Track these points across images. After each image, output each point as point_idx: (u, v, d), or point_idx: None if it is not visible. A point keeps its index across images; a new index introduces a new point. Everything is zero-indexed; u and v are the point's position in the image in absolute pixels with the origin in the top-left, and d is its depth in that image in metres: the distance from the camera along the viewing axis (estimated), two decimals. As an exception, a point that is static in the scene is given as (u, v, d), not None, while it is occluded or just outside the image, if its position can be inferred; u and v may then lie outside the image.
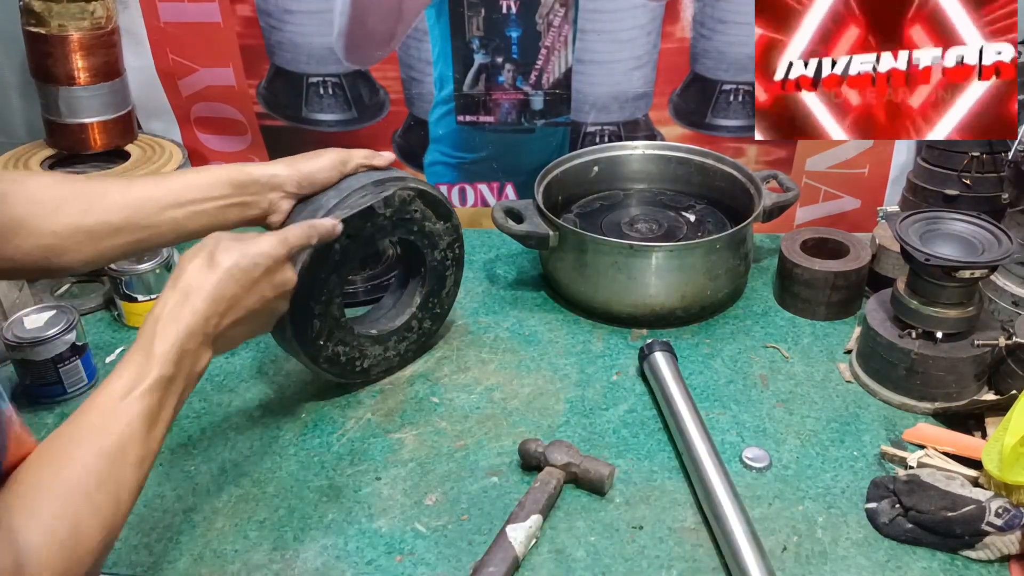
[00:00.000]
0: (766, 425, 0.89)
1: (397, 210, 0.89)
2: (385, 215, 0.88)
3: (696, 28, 1.16)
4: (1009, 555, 0.72)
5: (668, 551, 0.74)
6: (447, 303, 1.02)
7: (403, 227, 0.91)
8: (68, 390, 0.93)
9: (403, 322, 0.97)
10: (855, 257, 1.05)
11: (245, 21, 1.19)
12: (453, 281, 1.01)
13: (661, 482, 0.82)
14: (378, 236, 0.88)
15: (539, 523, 0.74)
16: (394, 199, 0.88)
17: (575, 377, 0.97)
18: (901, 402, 0.91)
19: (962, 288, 0.86)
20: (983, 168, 1.04)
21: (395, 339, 0.96)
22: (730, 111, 1.21)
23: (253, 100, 1.25)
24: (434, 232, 0.95)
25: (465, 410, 0.92)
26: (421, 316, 0.98)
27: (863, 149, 1.20)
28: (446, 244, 0.97)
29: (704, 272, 1.02)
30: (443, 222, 0.95)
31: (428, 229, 0.94)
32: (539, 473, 0.79)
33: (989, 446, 0.75)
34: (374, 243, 0.89)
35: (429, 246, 0.96)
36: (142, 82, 1.23)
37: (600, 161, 1.22)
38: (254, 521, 0.77)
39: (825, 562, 0.73)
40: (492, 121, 1.24)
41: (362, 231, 0.86)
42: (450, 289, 1.01)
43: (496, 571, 0.69)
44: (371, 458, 0.85)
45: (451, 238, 0.98)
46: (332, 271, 0.85)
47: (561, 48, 1.18)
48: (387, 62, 1.21)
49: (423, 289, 0.98)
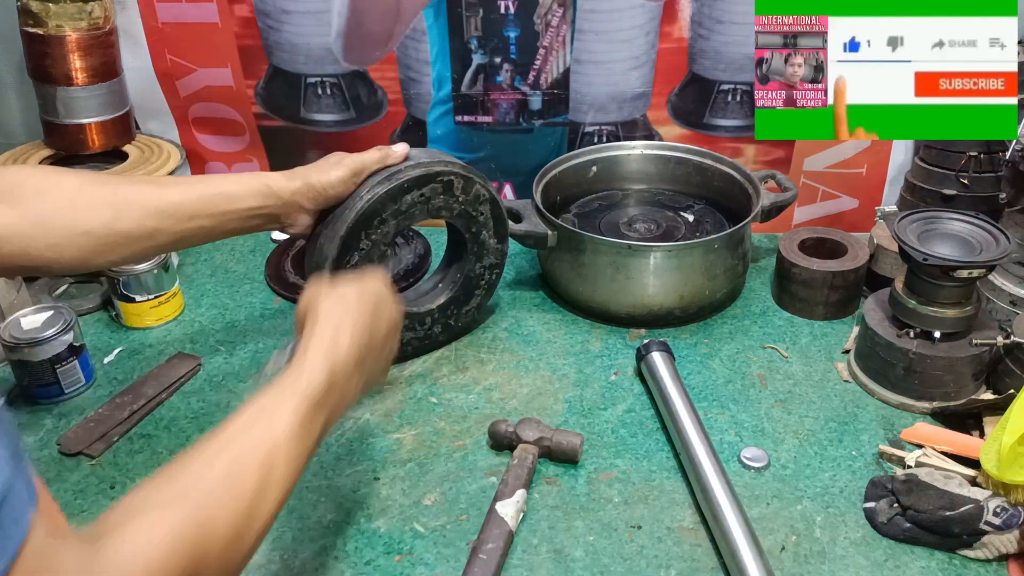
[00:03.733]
0: (764, 425, 0.89)
1: (471, 200, 0.93)
2: (458, 196, 0.92)
3: (694, 28, 1.16)
4: (1007, 554, 0.72)
5: (666, 551, 0.74)
6: (463, 320, 1.02)
7: (464, 219, 0.95)
8: (66, 391, 0.93)
9: (418, 312, 0.97)
10: (853, 257, 1.06)
11: (243, 21, 1.18)
12: (477, 304, 1.02)
13: (659, 482, 0.82)
14: (444, 213, 0.93)
15: (524, 497, 0.77)
16: (472, 185, 0.92)
17: (573, 377, 0.97)
18: (899, 401, 0.91)
19: (960, 288, 0.86)
20: (981, 168, 1.04)
21: (406, 324, 0.93)
22: (728, 111, 1.21)
23: (251, 100, 1.25)
24: (487, 244, 0.98)
25: (464, 410, 0.92)
26: (436, 317, 0.99)
27: (861, 149, 1.20)
28: (490, 263, 1.00)
29: (702, 272, 1.02)
30: (497, 241, 0.99)
31: (483, 237, 0.97)
32: (514, 451, 0.82)
33: (987, 445, 0.75)
34: (438, 215, 0.93)
35: (476, 254, 0.98)
36: (140, 82, 1.23)
37: (598, 161, 1.22)
38: (252, 521, 0.77)
39: (823, 561, 0.73)
40: (490, 121, 1.24)
41: (433, 198, 0.90)
42: (472, 309, 1.02)
43: (495, 547, 0.71)
44: (369, 458, 0.85)
45: (496, 260, 1.01)
46: (393, 216, 0.88)
47: (559, 48, 1.18)
48: (385, 62, 1.21)
49: (449, 293, 0.99)
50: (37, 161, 1.17)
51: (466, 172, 0.92)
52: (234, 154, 1.30)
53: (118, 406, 0.92)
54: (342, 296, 0.67)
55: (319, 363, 0.60)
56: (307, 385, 0.58)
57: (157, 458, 0.86)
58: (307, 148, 1.29)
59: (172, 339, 1.04)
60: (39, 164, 1.17)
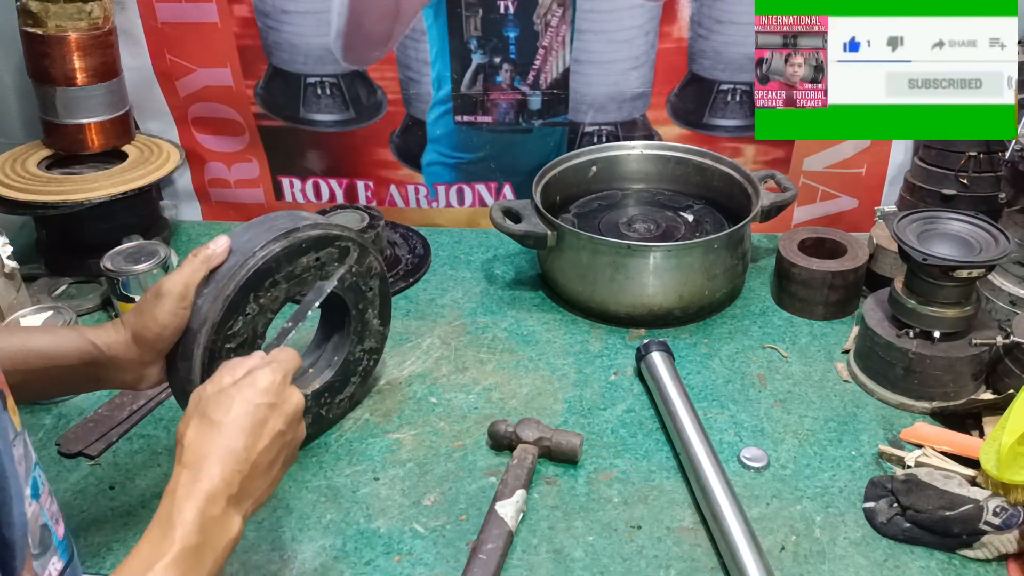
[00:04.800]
0: (764, 425, 0.89)
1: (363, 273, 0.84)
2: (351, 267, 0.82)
3: (694, 28, 1.16)
4: (1007, 554, 0.72)
5: (666, 551, 0.74)
6: (334, 412, 0.89)
7: (353, 293, 0.85)
8: (66, 391, 0.93)
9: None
10: (853, 257, 1.06)
11: (243, 21, 1.18)
12: (351, 393, 0.90)
13: (659, 482, 0.82)
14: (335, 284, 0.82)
15: (524, 497, 0.77)
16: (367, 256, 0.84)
17: (573, 377, 0.97)
18: (899, 401, 0.91)
19: (959, 287, 0.86)
20: (980, 168, 1.04)
21: None
22: (728, 111, 1.21)
23: (251, 100, 1.25)
24: (370, 325, 0.89)
25: (463, 410, 0.92)
26: (308, 406, 0.84)
27: (861, 149, 1.20)
28: (371, 347, 0.90)
29: (702, 272, 1.02)
30: (380, 323, 0.90)
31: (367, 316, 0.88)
32: (513, 451, 0.82)
33: (987, 445, 0.75)
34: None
35: (358, 334, 0.88)
36: (139, 82, 1.23)
37: (598, 161, 1.22)
38: (252, 522, 0.77)
39: (823, 561, 0.73)
40: (490, 121, 1.24)
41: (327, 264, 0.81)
42: (345, 399, 0.90)
43: (495, 547, 0.71)
44: (369, 458, 0.85)
45: (377, 344, 0.91)
46: (285, 280, 0.77)
47: (559, 48, 1.18)
48: (385, 62, 1.21)
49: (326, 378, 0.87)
50: (37, 161, 1.17)
51: (362, 241, 0.83)
52: (234, 154, 1.30)
53: (118, 406, 0.92)
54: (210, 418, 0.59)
55: (184, 512, 0.54)
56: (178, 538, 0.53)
57: (156, 458, 0.85)
58: (307, 148, 1.29)
59: (172, 339, 1.04)
60: (38, 164, 1.17)
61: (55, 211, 1.08)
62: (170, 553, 0.52)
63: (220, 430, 0.58)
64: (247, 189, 1.33)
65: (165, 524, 0.54)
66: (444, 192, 1.31)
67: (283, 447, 0.62)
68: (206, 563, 0.54)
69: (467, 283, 1.16)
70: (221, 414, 0.59)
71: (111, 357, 0.70)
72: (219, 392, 0.60)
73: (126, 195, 1.11)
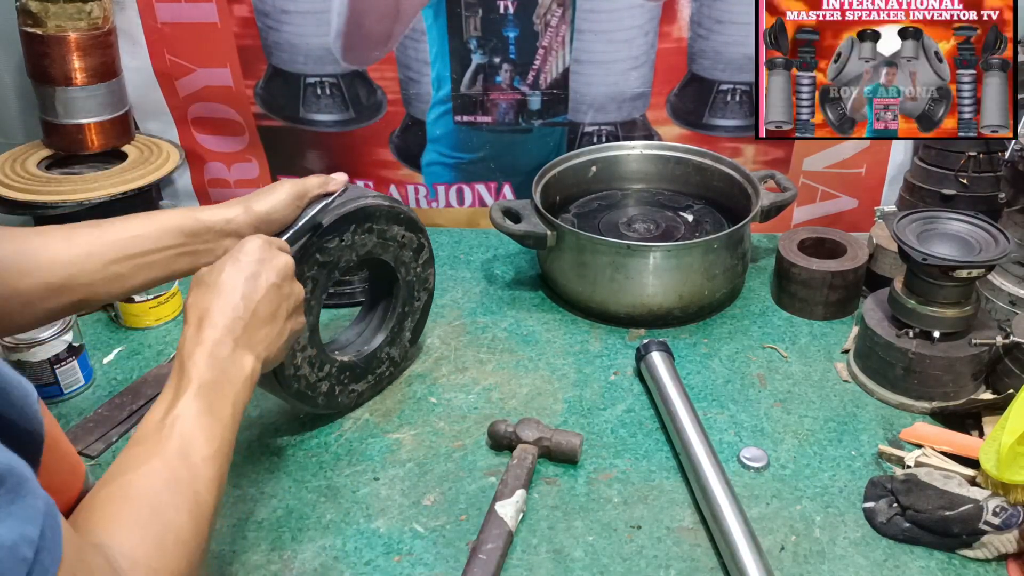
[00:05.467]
0: (764, 425, 0.89)
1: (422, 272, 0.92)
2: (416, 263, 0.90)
3: (693, 28, 1.16)
4: (1006, 554, 0.72)
5: (666, 551, 0.74)
6: (345, 398, 0.90)
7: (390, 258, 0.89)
8: (65, 391, 0.93)
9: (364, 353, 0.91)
10: (852, 257, 1.06)
11: (242, 21, 1.18)
12: (359, 392, 0.91)
13: (659, 482, 0.82)
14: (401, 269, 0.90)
15: (524, 497, 0.77)
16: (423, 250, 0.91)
17: (573, 377, 0.97)
18: (899, 401, 0.91)
19: (959, 287, 0.86)
20: (980, 168, 1.04)
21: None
22: (727, 111, 1.21)
23: (250, 100, 1.25)
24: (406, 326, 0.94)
25: (463, 410, 0.92)
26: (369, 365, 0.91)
27: (860, 149, 1.20)
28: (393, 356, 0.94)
29: (702, 272, 1.02)
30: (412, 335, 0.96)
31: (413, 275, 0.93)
32: (513, 451, 0.82)
33: (986, 445, 0.75)
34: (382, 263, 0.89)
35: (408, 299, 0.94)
36: (139, 82, 1.23)
37: (598, 161, 1.22)
38: (252, 521, 0.77)
39: (823, 561, 0.73)
40: (490, 121, 1.24)
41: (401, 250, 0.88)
42: (354, 392, 0.91)
43: (495, 547, 0.71)
44: (369, 458, 0.85)
45: (400, 355, 0.95)
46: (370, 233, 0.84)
47: (559, 48, 1.18)
48: (385, 62, 1.21)
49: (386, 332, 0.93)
50: (36, 161, 1.17)
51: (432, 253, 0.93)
52: (234, 154, 1.30)
53: (117, 406, 0.92)
54: (206, 282, 0.66)
55: (194, 357, 0.60)
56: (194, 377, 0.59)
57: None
58: (306, 148, 1.29)
59: (171, 339, 1.04)
60: (37, 164, 1.17)
61: (55, 211, 1.08)
62: (190, 389, 0.58)
63: (216, 289, 0.65)
64: (247, 189, 1.32)
65: (179, 372, 0.60)
66: (444, 192, 1.31)
67: (281, 299, 0.68)
68: (227, 396, 0.60)
69: (467, 283, 1.16)
70: (215, 276, 0.66)
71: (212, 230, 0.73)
72: (211, 266, 0.68)
73: (126, 195, 1.11)
